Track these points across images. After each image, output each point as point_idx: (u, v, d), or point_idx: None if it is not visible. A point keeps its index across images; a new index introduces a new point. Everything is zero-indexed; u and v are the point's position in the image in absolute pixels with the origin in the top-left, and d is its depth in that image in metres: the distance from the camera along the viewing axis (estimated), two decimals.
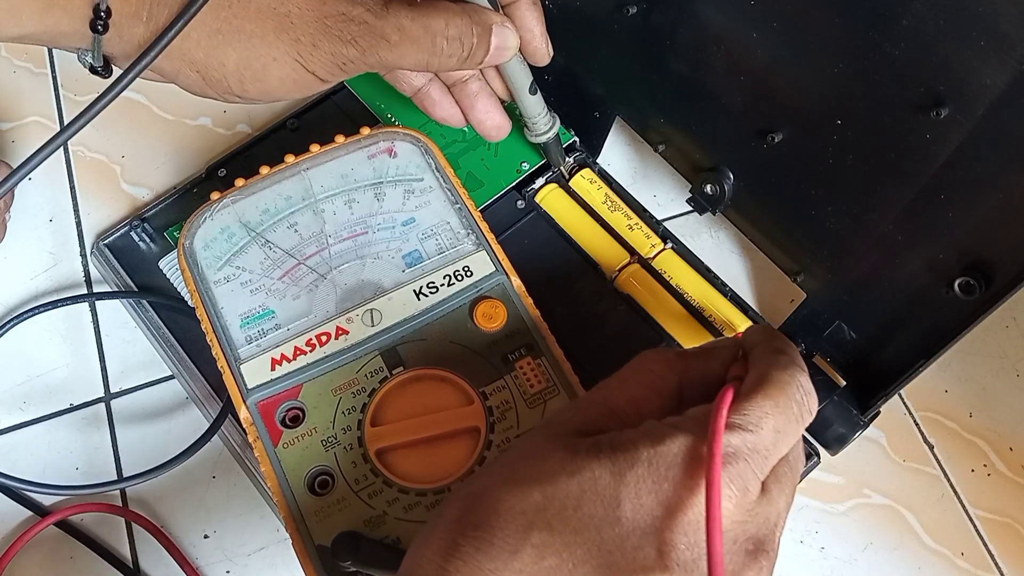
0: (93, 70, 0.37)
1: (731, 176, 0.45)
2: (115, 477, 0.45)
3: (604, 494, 0.25)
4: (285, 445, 0.36)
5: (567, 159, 0.50)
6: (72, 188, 0.53)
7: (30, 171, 0.34)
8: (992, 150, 0.33)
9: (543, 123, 0.47)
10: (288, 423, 0.37)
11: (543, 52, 0.42)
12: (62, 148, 0.53)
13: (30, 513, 0.44)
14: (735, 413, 0.26)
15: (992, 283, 0.35)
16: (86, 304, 0.49)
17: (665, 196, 0.54)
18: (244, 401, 0.37)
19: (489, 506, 0.26)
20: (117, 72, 0.37)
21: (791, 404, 0.27)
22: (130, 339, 0.48)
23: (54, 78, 0.56)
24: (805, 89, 0.38)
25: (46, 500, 0.44)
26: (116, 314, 0.49)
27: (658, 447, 0.25)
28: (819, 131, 0.38)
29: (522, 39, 0.41)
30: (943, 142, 0.34)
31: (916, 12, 0.32)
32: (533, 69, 0.44)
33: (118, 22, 0.35)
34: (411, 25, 0.37)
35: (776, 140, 0.40)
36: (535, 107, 0.46)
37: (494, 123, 0.45)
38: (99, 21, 0.34)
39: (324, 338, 0.39)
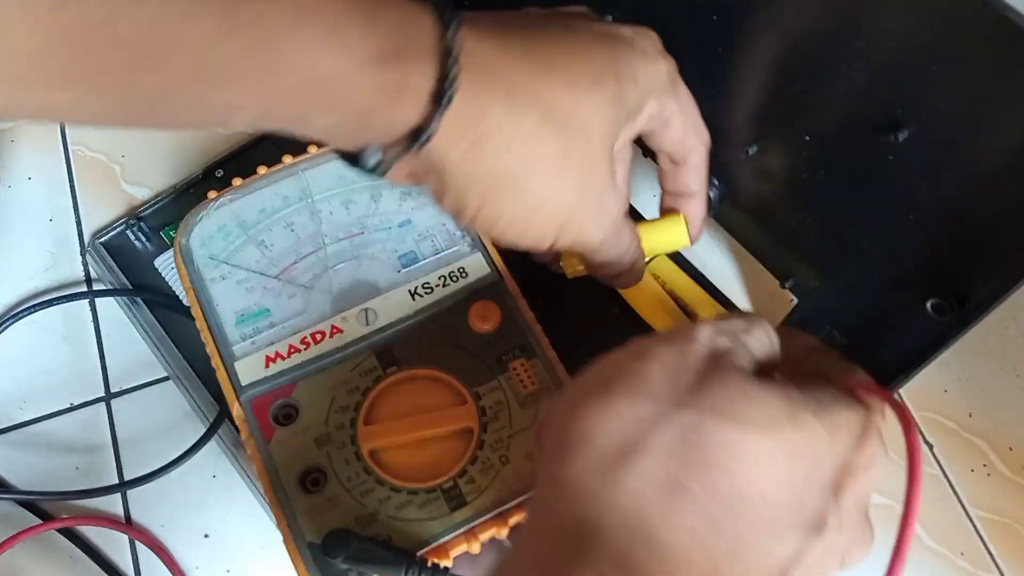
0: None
1: (717, 184, 0.45)
2: (115, 477, 0.45)
3: (816, 451, 0.27)
4: (278, 442, 0.36)
5: None
6: (72, 188, 0.53)
7: None
8: (952, 175, 0.32)
9: None
10: (281, 420, 0.37)
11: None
12: (62, 148, 0.54)
13: (32, 515, 0.44)
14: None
15: (965, 304, 0.35)
16: (86, 304, 0.49)
17: None
18: (237, 398, 0.37)
19: (718, 446, 0.25)
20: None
21: None
22: (130, 339, 0.49)
23: None
24: (771, 105, 0.38)
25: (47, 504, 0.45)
26: (116, 313, 0.49)
27: (853, 423, 0.29)
28: (789, 146, 0.38)
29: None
30: (905, 165, 0.33)
31: (869, 33, 0.31)
32: None
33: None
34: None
35: (751, 152, 0.40)
36: None
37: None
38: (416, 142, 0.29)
39: (319, 337, 0.39)
